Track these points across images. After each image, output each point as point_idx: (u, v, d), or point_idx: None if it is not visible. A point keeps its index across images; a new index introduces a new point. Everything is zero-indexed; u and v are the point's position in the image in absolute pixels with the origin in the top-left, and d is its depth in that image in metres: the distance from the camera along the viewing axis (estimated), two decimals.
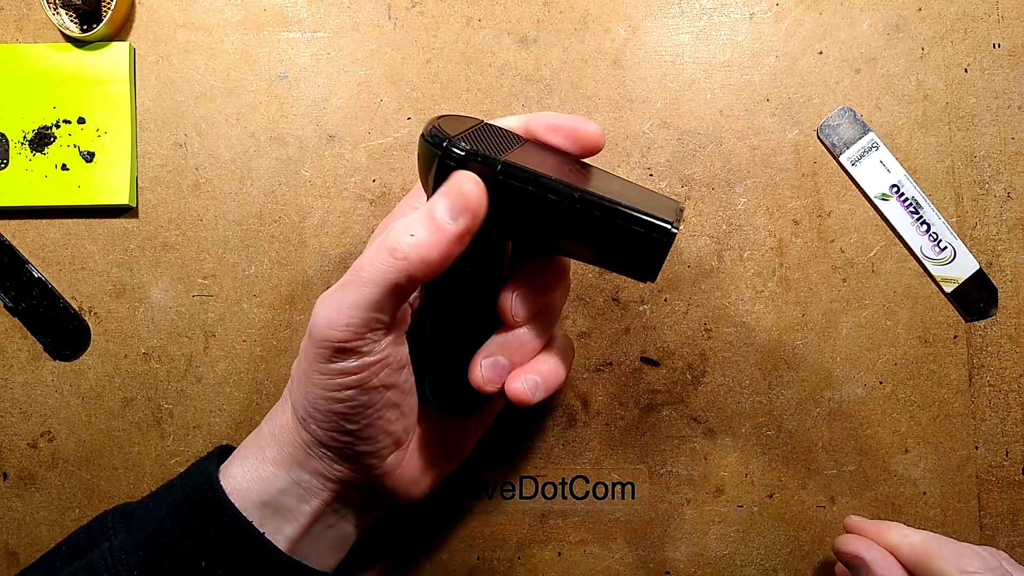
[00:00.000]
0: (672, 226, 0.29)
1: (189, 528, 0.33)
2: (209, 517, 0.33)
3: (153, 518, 0.34)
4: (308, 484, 0.35)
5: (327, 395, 0.32)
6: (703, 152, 0.44)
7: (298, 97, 0.45)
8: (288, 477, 0.35)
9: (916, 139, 0.44)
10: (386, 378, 0.33)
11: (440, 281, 0.32)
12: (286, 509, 0.35)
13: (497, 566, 0.44)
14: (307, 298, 0.44)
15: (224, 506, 0.33)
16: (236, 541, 0.33)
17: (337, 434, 0.33)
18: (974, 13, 0.44)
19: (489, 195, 0.30)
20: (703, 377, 0.44)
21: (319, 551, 0.37)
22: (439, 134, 0.30)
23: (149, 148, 0.45)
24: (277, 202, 0.44)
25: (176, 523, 0.33)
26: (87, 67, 0.44)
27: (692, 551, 0.44)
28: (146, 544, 0.33)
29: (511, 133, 0.34)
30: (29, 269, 0.44)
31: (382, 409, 0.33)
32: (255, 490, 0.34)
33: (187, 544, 0.33)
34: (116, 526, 0.35)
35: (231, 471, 0.35)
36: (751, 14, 0.44)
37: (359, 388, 0.32)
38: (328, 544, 0.37)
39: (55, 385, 0.44)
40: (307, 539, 0.36)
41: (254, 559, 0.33)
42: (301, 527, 0.35)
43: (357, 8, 0.45)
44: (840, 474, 0.44)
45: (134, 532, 0.34)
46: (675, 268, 0.44)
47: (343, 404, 0.32)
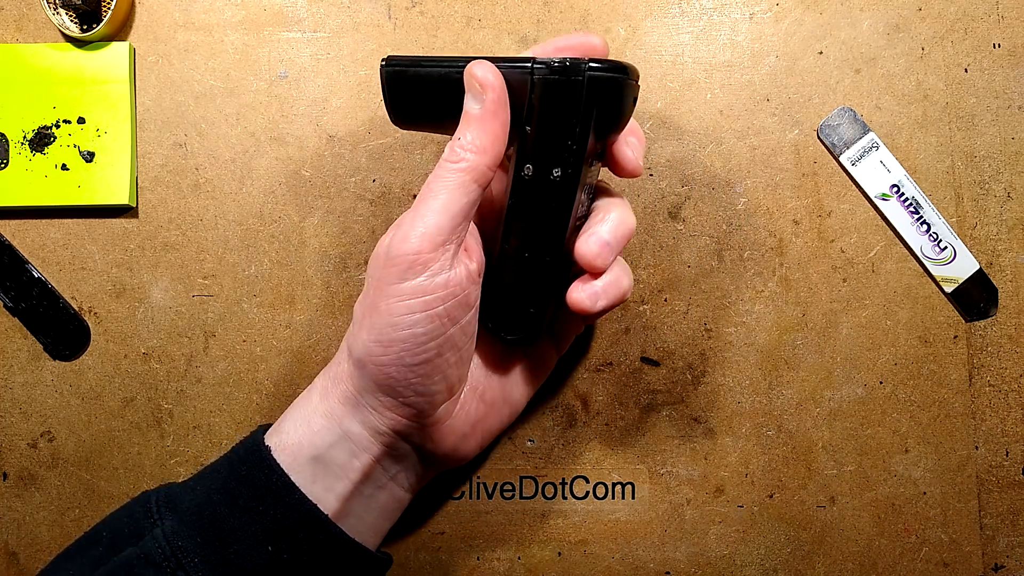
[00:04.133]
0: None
1: (251, 512, 0.33)
2: (273, 500, 0.33)
3: (207, 502, 0.34)
4: (359, 437, 0.35)
5: (394, 320, 0.32)
6: (703, 152, 0.44)
7: (298, 97, 0.45)
8: (339, 429, 0.35)
9: (916, 139, 0.44)
10: (452, 310, 0.33)
11: (508, 210, 0.35)
12: (337, 465, 0.34)
13: (497, 566, 0.44)
14: (307, 298, 0.44)
15: (288, 489, 0.33)
16: (303, 525, 0.33)
17: (396, 369, 0.33)
18: (974, 13, 0.44)
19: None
20: (703, 377, 0.44)
21: (371, 514, 0.36)
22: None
23: (149, 148, 0.45)
24: (277, 202, 0.44)
25: (236, 508, 0.33)
26: (87, 67, 0.44)
27: (692, 551, 0.44)
28: (202, 529, 0.33)
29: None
30: (29, 269, 0.44)
31: (444, 345, 0.33)
32: (305, 444, 0.34)
33: (251, 528, 0.33)
34: (162, 511, 0.34)
35: (283, 428, 0.35)
36: (751, 14, 0.44)
37: (426, 313, 0.32)
38: (379, 507, 0.37)
39: (55, 385, 0.44)
40: (359, 500, 0.35)
41: (321, 542, 0.33)
42: (353, 484, 0.35)
43: (357, 8, 0.45)
44: (840, 474, 0.44)
45: (185, 517, 0.33)
46: (675, 268, 0.44)
47: (409, 331, 0.32)
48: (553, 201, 0.34)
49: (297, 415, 0.36)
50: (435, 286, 0.32)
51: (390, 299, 0.32)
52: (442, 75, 0.34)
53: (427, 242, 0.32)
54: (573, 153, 0.33)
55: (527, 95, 0.33)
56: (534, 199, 0.34)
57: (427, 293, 0.32)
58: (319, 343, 0.44)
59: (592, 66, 0.32)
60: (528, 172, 0.34)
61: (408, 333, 0.33)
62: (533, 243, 0.35)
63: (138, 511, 0.35)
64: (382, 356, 0.33)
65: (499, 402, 0.39)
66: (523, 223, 0.35)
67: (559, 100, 0.32)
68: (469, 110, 0.33)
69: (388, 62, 0.34)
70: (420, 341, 0.33)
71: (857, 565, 0.43)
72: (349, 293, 0.44)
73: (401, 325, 0.32)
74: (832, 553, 0.43)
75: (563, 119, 0.33)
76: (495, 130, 0.33)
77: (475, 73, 0.33)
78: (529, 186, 0.34)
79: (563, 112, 0.33)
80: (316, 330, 0.44)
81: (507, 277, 0.36)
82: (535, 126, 0.33)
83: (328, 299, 0.44)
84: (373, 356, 0.33)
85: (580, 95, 0.32)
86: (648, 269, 0.44)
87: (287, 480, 0.33)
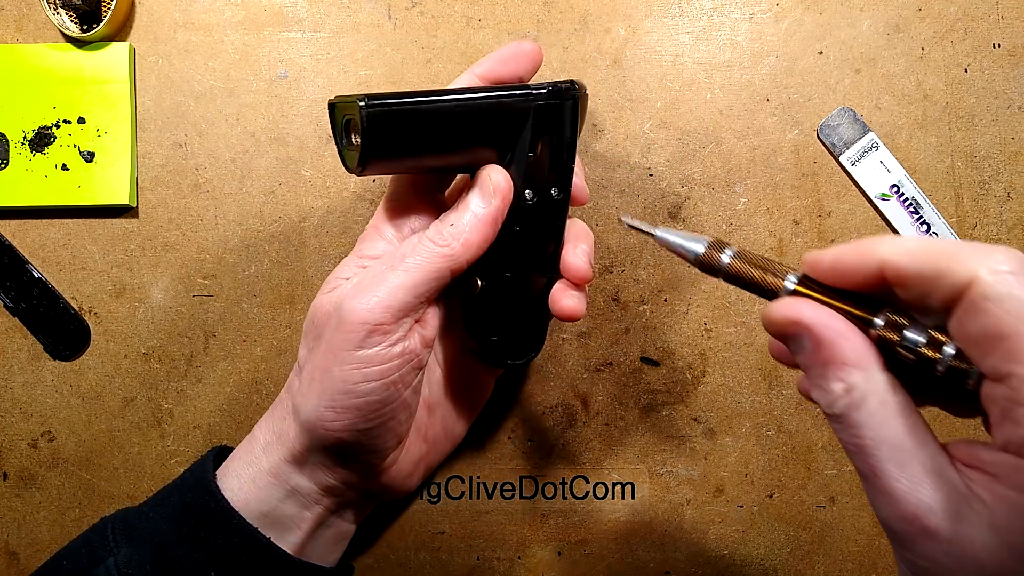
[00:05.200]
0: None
1: (195, 539, 0.33)
2: (214, 527, 0.33)
3: (156, 530, 0.34)
4: (307, 491, 0.35)
5: (348, 388, 0.32)
6: (703, 152, 0.44)
7: (298, 97, 0.45)
8: (287, 486, 0.34)
9: (916, 139, 0.44)
10: (407, 375, 0.33)
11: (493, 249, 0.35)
12: (287, 517, 0.35)
13: (497, 566, 0.44)
14: (307, 298, 0.44)
15: (227, 514, 0.33)
16: (244, 549, 0.33)
17: (348, 434, 0.33)
18: (974, 13, 0.44)
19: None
20: (703, 377, 0.44)
21: (320, 550, 0.37)
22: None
23: (149, 148, 0.45)
24: (277, 202, 0.44)
25: (181, 535, 0.33)
26: (87, 67, 0.44)
27: (692, 551, 0.44)
28: (152, 558, 0.33)
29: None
30: (29, 269, 0.44)
31: (397, 408, 0.33)
32: (252, 501, 0.34)
33: (194, 555, 0.33)
34: (118, 538, 0.34)
35: (227, 483, 0.35)
36: (751, 14, 0.44)
37: (381, 381, 0.32)
38: (329, 543, 0.37)
39: (55, 385, 0.44)
40: (310, 543, 0.36)
41: (263, 564, 0.33)
42: (304, 534, 0.35)
43: (357, 8, 0.45)
44: (840, 474, 0.44)
45: (137, 545, 0.34)
46: (675, 268, 0.44)
47: (363, 399, 0.32)
48: (557, 220, 0.35)
49: (243, 470, 0.35)
50: (392, 355, 0.32)
51: (345, 366, 0.32)
52: (436, 110, 0.32)
53: (390, 315, 0.31)
54: (568, 171, 0.35)
55: (527, 122, 0.33)
56: (538, 222, 0.35)
57: (384, 362, 0.32)
58: None
59: (577, 86, 0.34)
60: (530, 197, 0.34)
61: (363, 401, 0.32)
62: (539, 264, 0.36)
63: (95, 540, 0.35)
64: (334, 422, 0.32)
65: (441, 439, 0.40)
66: (528, 247, 0.36)
67: (559, 122, 0.34)
68: (473, 207, 0.33)
69: (368, 104, 0.31)
70: (374, 407, 0.33)
71: (857, 565, 0.43)
72: None
73: (356, 393, 0.32)
74: (832, 553, 0.43)
75: (561, 140, 0.34)
76: (488, 234, 0.33)
77: (492, 177, 0.33)
78: (532, 211, 0.35)
79: (561, 133, 0.34)
80: None
81: (512, 303, 0.36)
82: (540, 151, 0.34)
83: None
84: (325, 421, 0.33)
85: (572, 115, 0.34)
86: (648, 269, 0.44)
87: (226, 506, 0.33)
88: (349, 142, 0.34)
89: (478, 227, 0.33)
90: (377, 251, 0.35)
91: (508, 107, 0.33)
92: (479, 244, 0.33)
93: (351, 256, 0.36)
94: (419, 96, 0.32)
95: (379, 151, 0.32)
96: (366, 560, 0.44)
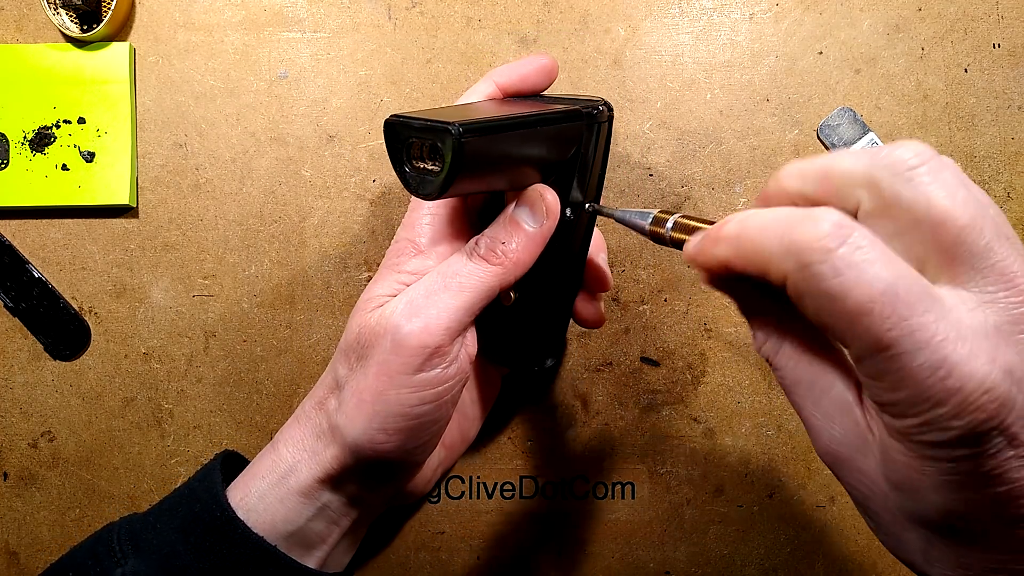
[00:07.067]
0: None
1: (202, 550, 0.33)
2: (223, 539, 0.33)
3: (164, 541, 0.34)
4: (337, 507, 0.35)
5: (405, 411, 0.32)
6: (703, 152, 0.44)
7: (298, 97, 0.45)
8: (318, 504, 0.34)
9: (916, 139, 0.44)
10: (457, 393, 0.33)
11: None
12: (315, 534, 0.35)
13: (497, 566, 0.44)
14: (307, 298, 0.44)
15: (235, 525, 0.33)
16: (252, 559, 0.33)
17: (396, 453, 0.33)
18: (974, 13, 0.44)
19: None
20: (703, 377, 0.44)
21: (338, 558, 0.37)
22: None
23: (149, 148, 0.45)
24: (277, 202, 0.44)
25: (189, 546, 0.33)
26: (87, 67, 0.44)
27: (692, 551, 0.44)
28: (159, 569, 0.33)
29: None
30: (29, 269, 0.44)
31: (444, 424, 0.34)
32: (280, 522, 0.34)
33: (202, 565, 0.33)
34: (124, 548, 0.34)
35: (250, 503, 0.34)
36: (751, 14, 0.44)
37: (437, 403, 0.32)
38: (345, 550, 0.38)
39: (55, 385, 0.44)
40: (332, 554, 0.36)
41: (271, 573, 0.33)
42: (330, 547, 0.35)
43: (357, 8, 0.45)
44: None
45: (145, 556, 0.33)
46: (675, 268, 0.44)
47: (417, 420, 0.32)
48: (587, 232, 0.36)
49: (269, 491, 0.34)
50: (448, 376, 0.32)
51: (402, 389, 0.31)
52: (518, 134, 0.31)
53: (448, 337, 0.31)
54: (600, 186, 0.36)
55: (591, 141, 0.34)
56: (573, 236, 0.36)
57: (441, 383, 0.32)
58: (319, 343, 0.44)
59: (608, 103, 0.35)
60: (569, 214, 0.35)
61: (416, 423, 0.32)
62: (569, 275, 0.37)
63: (101, 549, 0.34)
64: (384, 444, 0.32)
65: (458, 442, 0.41)
66: (562, 260, 0.36)
67: (605, 139, 0.35)
68: (524, 224, 0.33)
69: (463, 131, 0.28)
70: (425, 427, 0.33)
71: (857, 565, 0.43)
72: (349, 293, 0.44)
73: (410, 415, 0.32)
74: (832, 553, 0.43)
75: (599, 157, 0.35)
76: (537, 253, 0.33)
77: (545, 197, 0.33)
78: (571, 226, 0.35)
79: (601, 150, 0.35)
80: (316, 330, 0.44)
81: (543, 312, 0.37)
82: (583, 168, 0.35)
83: (328, 299, 0.44)
84: (376, 444, 0.32)
85: (608, 132, 0.35)
86: (648, 269, 0.44)
87: (232, 515, 0.33)
88: (416, 166, 0.31)
89: (529, 247, 0.33)
90: (416, 267, 0.34)
91: (568, 126, 0.33)
92: (528, 262, 0.33)
93: (387, 270, 0.35)
94: (501, 120, 0.30)
95: (463, 177, 0.30)
96: (366, 560, 0.44)
